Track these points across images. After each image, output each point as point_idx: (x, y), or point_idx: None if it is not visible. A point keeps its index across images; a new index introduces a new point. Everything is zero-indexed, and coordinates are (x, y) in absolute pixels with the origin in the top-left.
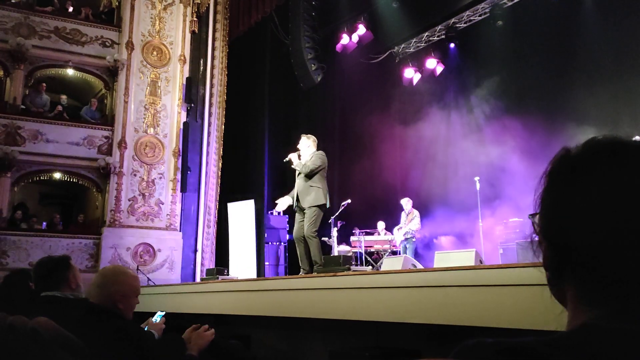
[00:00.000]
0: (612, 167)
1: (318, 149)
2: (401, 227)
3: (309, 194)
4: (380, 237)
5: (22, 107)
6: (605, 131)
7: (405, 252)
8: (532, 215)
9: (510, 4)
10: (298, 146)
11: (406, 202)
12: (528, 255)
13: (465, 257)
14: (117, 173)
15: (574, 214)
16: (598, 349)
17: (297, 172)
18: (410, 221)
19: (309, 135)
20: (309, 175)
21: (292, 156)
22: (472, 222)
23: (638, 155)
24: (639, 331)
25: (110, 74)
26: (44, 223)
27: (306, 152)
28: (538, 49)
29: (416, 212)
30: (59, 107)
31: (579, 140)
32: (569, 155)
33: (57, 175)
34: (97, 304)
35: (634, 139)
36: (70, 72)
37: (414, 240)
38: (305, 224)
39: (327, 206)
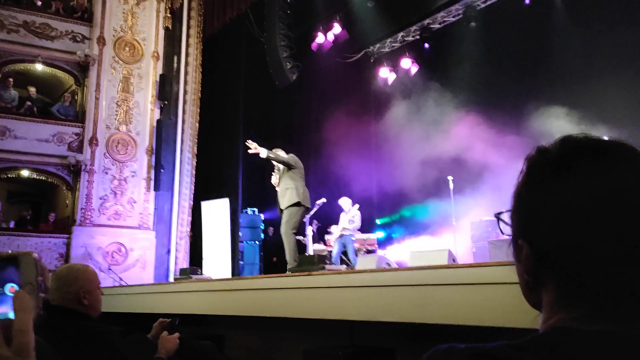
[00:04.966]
0: (596, 168)
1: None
2: (340, 228)
3: (284, 195)
4: (356, 235)
5: None
6: (577, 129)
7: (342, 250)
8: (499, 214)
9: (483, 6)
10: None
11: (344, 202)
12: (500, 254)
13: (438, 256)
14: (88, 171)
15: (559, 214)
16: (569, 351)
17: (276, 184)
18: (348, 221)
19: (275, 149)
20: (286, 175)
21: (258, 148)
22: (445, 220)
23: (619, 156)
24: (611, 333)
25: (81, 69)
26: (12, 222)
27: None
28: (510, 50)
29: (356, 212)
30: (28, 103)
31: (552, 139)
32: (549, 154)
33: (25, 173)
34: (60, 305)
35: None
36: (39, 67)
37: (353, 238)
38: (282, 222)
39: (304, 204)
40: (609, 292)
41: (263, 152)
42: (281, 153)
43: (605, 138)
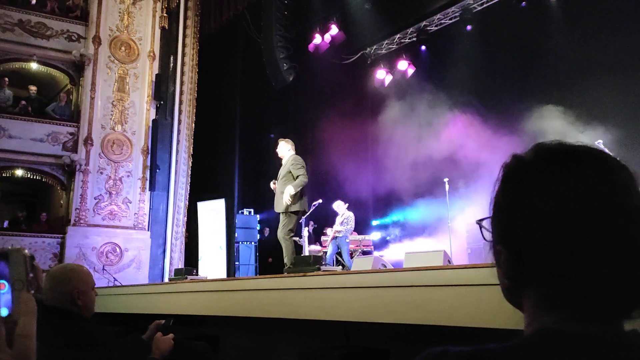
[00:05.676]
0: (568, 173)
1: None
2: (333, 230)
3: (282, 199)
4: (351, 237)
5: None
6: (572, 129)
7: (335, 252)
8: (481, 220)
9: (479, 8)
10: (277, 150)
11: (337, 206)
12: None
13: (433, 257)
14: (83, 171)
15: (534, 219)
16: (557, 352)
17: (279, 176)
18: (341, 223)
19: (287, 139)
20: (288, 179)
21: (286, 198)
22: (441, 222)
23: (590, 162)
24: (595, 333)
25: (77, 68)
26: (6, 221)
27: (286, 155)
28: (506, 53)
29: (349, 215)
30: (23, 102)
31: (548, 139)
32: (523, 161)
33: (19, 173)
34: (53, 305)
35: (596, 143)
36: (34, 66)
37: (347, 240)
38: (279, 226)
39: (302, 210)
40: (588, 293)
41: (288, 197)
42: (290, 146)
43: (578, 144)
